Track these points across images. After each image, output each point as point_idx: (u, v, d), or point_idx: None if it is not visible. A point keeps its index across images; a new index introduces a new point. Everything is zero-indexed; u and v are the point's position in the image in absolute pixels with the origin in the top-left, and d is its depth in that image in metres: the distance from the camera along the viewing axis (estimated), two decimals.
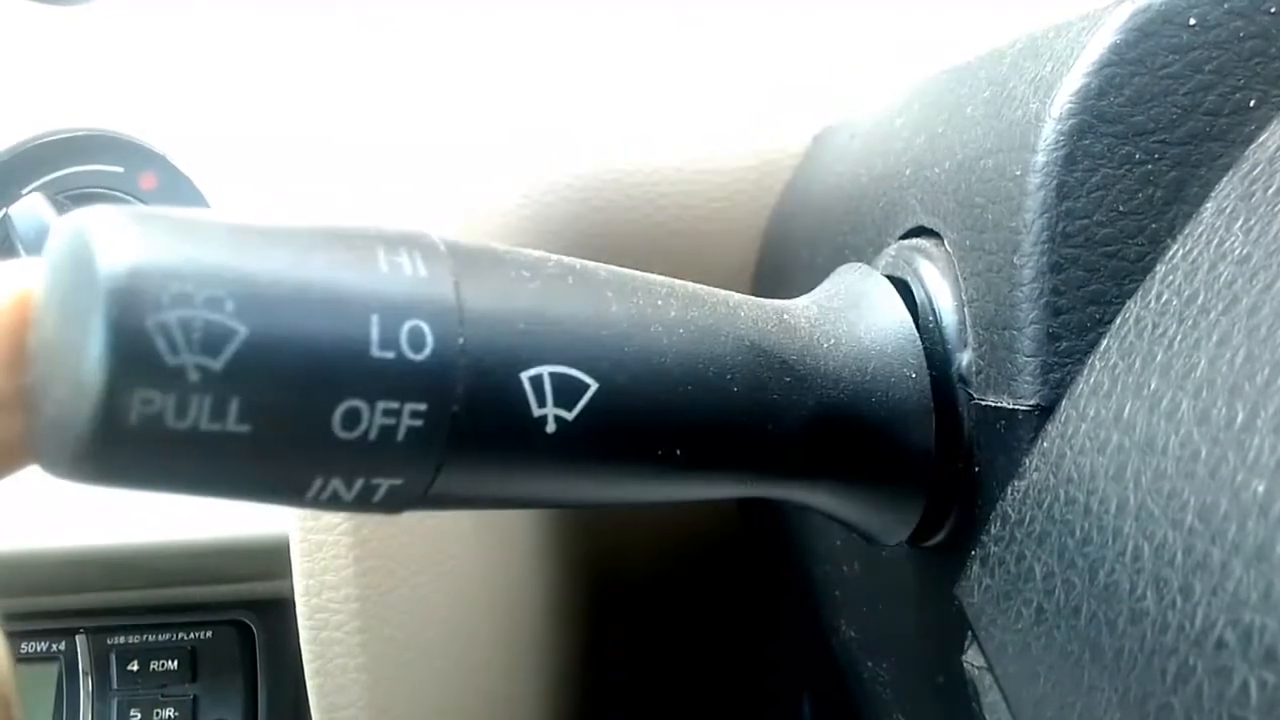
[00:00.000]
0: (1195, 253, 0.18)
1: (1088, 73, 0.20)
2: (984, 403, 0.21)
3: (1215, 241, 0.18)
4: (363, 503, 0.16)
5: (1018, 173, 0.20)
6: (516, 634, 0.43)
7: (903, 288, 0.24)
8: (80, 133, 0.46)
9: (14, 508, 0.43)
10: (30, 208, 0.43)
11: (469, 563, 0.37)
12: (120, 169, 0.45)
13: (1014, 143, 0.21)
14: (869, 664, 0.31)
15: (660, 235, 0.44)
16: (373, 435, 0.15)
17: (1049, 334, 0.20)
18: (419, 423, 0.15)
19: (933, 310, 0.23)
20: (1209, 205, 0.19)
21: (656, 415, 0.18)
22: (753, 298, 0.22)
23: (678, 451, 0.19)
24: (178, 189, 0.45)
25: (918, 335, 0.22)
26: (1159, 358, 0.17)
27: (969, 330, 0.22)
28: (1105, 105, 0.20)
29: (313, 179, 0.37)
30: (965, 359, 0.22)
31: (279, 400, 0.14)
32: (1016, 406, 0.20)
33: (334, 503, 0.16)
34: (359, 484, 0.16)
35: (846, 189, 0.32)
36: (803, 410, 0.20)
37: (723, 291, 0.21)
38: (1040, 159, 0.20)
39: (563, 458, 0.17)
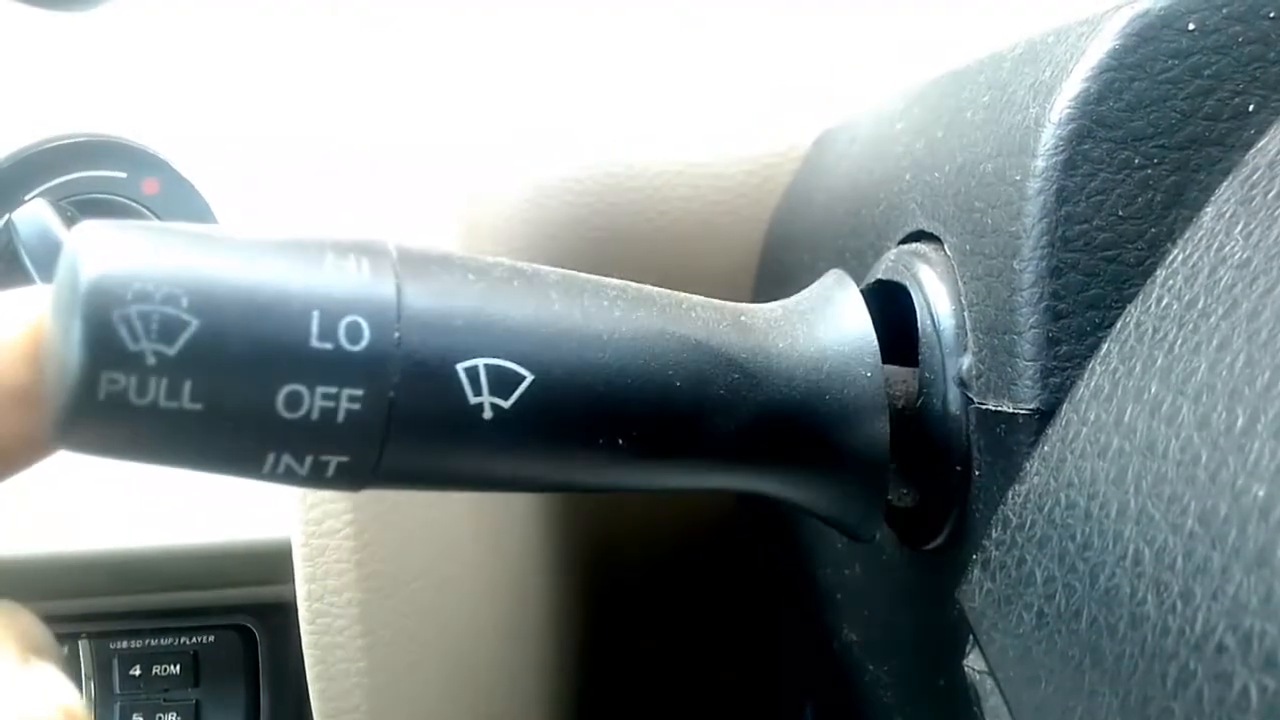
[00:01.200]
0: (1195, 257, 0.18)
1: (1087, 78, 0.20)
2: (984, 407, 0.21)
3: (1215, 246, 0.18)
4: (317, 477, 0.18)
5: (1017, 177, 0.20)
6: (518, 635, 0.43)
7: (902, 292, 0.24)
8: (83, 138, 0.46)
9: (16, 512, 0.43)
10: (34, 213, 0.43)
11: (470, 567, 0.37)
12: (123, 174, 0.46)
13: (1014, 147, 0.21)
14: (870, 667, 0.31)
15: (661, 238, 0.44)
16: (314, 416, 0.17)
17: (1049, 338, 0.20)
18: (357, 406, 0.17)
19: (932, 314, 0.23)
20: (1209, 210, 0.19)
21: (594, 406, 0.20)
22: (712, 300, 0.23)
23: (619, 440, 0.20)
24: (181, 194, 0.45)
25: (875, 337, 0.23)
26: (1159, 362, 0.17)
27: (969, 334, 0.22)
28: (1105, 110, 0.20)
29: (315, 182, 0.37)
30: (965, 363, 0.22)
31: (225, 382, 0.17)
32: (1017, 410, 0.20)
33: (290, 476, 0.18)
34: (309, 460, 0.18)
35: (846, 192, 0.32)
36: (751, 405, 0.21)
37: (680, 294, 0.22)
38: (1040, 164, 0.20)
39: (503, 443, 0.19)
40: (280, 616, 0.48)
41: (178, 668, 0.48)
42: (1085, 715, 0.16)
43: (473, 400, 0.18)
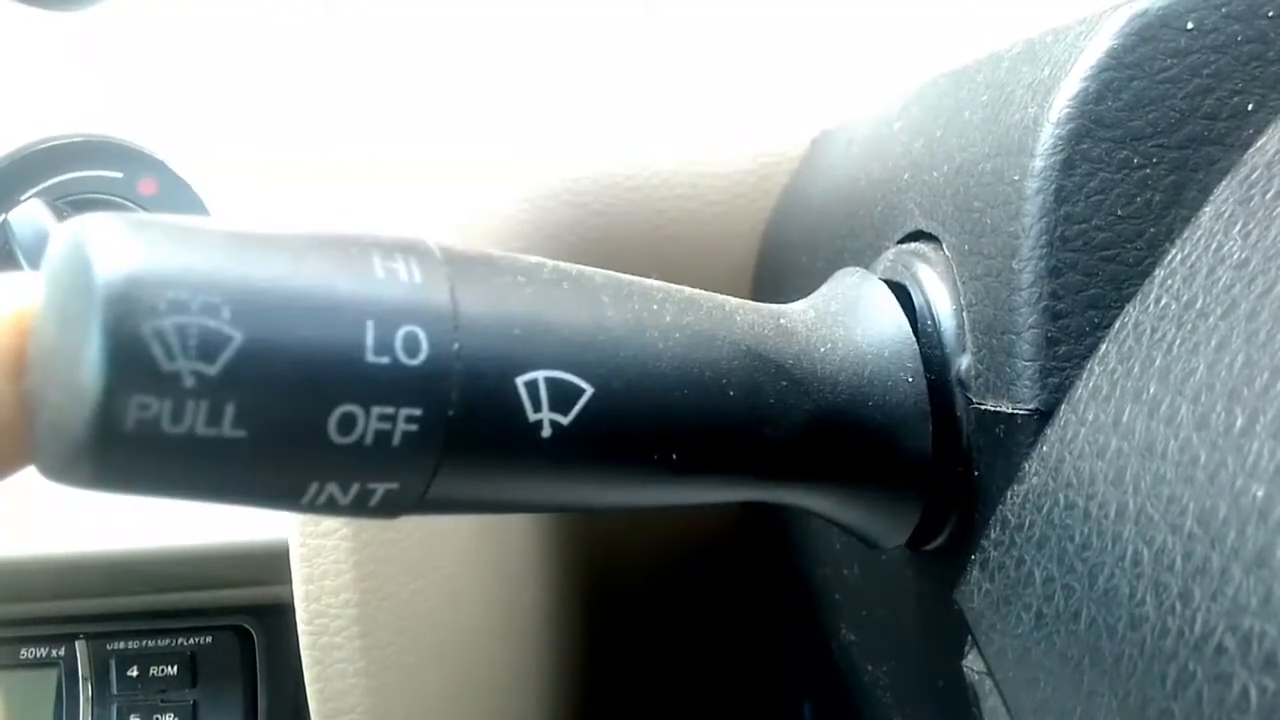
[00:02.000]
0: (1194, 257, 0.18)
1: (1086, 77, 0.20)
2: (983, 407, 0.21)
3: (1214, 246, 0.18)
4: (359, 507, 0.16)
5: (1016, 177, 0.20)
6: (516, 638, 0.43)
7: (901, 292, 0.24)
8: (80, 138, 0.46)
9: (13, 513, 0.43)
10: (29, 213, 0.43)
11: (469, 567, 0.37)
12: (119, 174, 0.45)
13: (1012, 147, 0.21)
14: (869, 667, 0.31)
15: (659, 239, 0.44)
16: (368, 440, 0.15)
17: (1048, 338, 0.20)
18: (414, 427, 0.16)
19: (931, 315, 0.23)
20: (1207, 209, 0.19)
21: (652, 420, 0.18)
22: (749, 302, 0.22)
23: (674, 456, 0.19)
24: (177, 194, 0.45)
25: (914, 339, 0.22)
26: (1158, 362, 0.17)
27: (968, 334, 0.22)
28: (1103, 110, 0.20)
29: (312, 184, 0.37)
30: (964, 363, 0.22)
31: (274, 405, 0.14)
32: (1015, 411, 0.20)
33: (330, 507, 0.16)
34: (355, 488, 0.16)
35: (845, 193, 0.32)
36: (799, 414, 0.20)
37: (719, 296, 0.21)
38: (1038, 163, 0.20)
39: (558, 462, 0.17)
40: (278, 617, 0.47)
41: (175, 668, 0.48)
42: (1084, 716, 0.16)
43: (532, 417, 0.17)
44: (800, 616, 0.40)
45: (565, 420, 0.17)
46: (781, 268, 0.41)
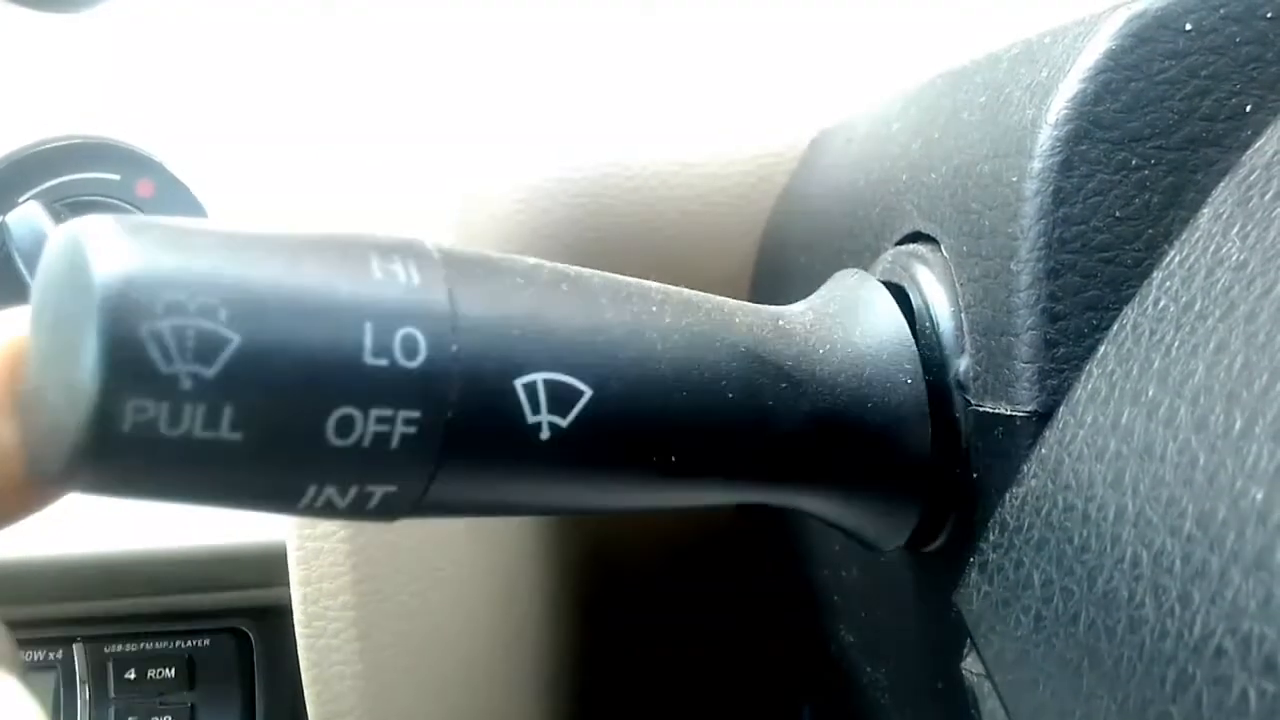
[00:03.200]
0: (1192, 259, 0.18)
1: (1084, 78, 0.20)
2: (982, 409, 0.21)
3: (1212, 248, 0.18)
4: (357, 510, 0.16)
5: (1014, 179, 0.20)
6: (514, 639, 0.43)
7: (899, 293, 0.24)
8: (77, 140, 0.46)
9: None
10: (27, 215, 0.43)
11: (465, 569, 0.37)
12: (117, 176, 0.45)
13: (1010, 148, 0.21)
14: (868, 669, 0.31)
15: (657, 239, 0.44)
16: (366, 442, 0.15)
17: (1046, 340, 0.20)
18: (413, 430, 0.16)
19: (930, 316, 0.23)
20: (1206, 211, 0.19)
21: (651, 422, 0.18)
22: (748, 304, 0.22)
23: (672, 458, 0.19)
24: (175, 196, 0.45)
25: (914, 341, 0.22)
26: (1156, 364, 0.17)
27: (966, 336, 0.22)
28: (1101, 111, 0.20)
29: (310, 183, 0.37)
30: (963, 365, 0.22)
31: (272, 408, 0.14)
32: (1014, 413, 0.20)
33: (328, 510, 0.16)
34: (353, 491, 0.16)
35: (843, 193, 0.32)
36: (798, 416, 0.20)
37: (717, 298, 0.21)
38: (1036, 165, 0.20)
39: (556, 465, 0.17)
40: (275, 620, 0.47)
41: (173, 671, 0.48)
42: (1083, 719, 0.16)
43: (530, 419, 0.17)
44: (799, 618, 0.40)
45: (564, 422, 0.17)
46: (780, 269, 0.41)
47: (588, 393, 0.17)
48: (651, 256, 0.44)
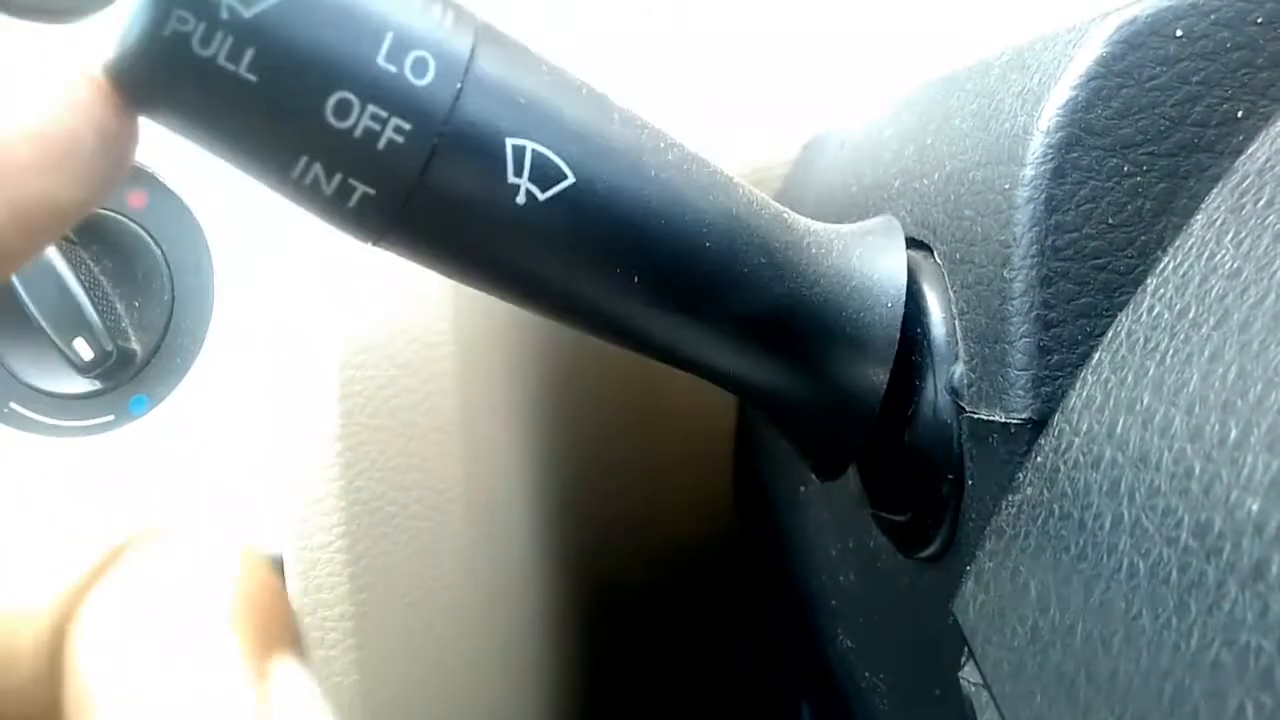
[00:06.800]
0: (1186, 266, 0.18)
1: (1075, 85, 0.20)
2: (976, 416, 0.21)
3: (1206, 255, 0.18)
4: (339, 203, 0.17)
5: (1006, 186, 0.20)
6: (512, 647, 0.43)
7: None
8: None
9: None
10: None
11: (463, 577, 0.37)
12: None
13: (1002, 155, 0.21)
14: (866, 674, 0.31)
15: None
16: (358, 133, 0.17)
17: (1040, 347, 0.20)
18: (400, 138, 0.17)
19: (923, 323, 0.23)
20: (1199, 218, 0.19)
21: (622, 234, 0.19)
22: (761, 193, 0.22)
23: (634, 277, 0.20)
24: (168, 208, 0.45)
25: (906, 276, 0.23)
26: (1151, 372, 0.17)
27: (960, 343, 0.22)
28: (1093, 118, 0.19)
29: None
30: (956, 372, 0.22)
31: (286, 65, 0.16)
32: (1009, 420, 0.20)
33: (315, 192, 0.17)
34: (337, 178, 0.17)
35: (836, 199, 0.32)
36: (769, 296, 0.21)
37: (735, 176, 0.22)
38: (1029, 172, 0.20)
39: (525, 233, 0.19)
40: None
41: None
42: None
43: (511, 179, 0.18)
44: (797, 622, 0.40)
45: (541, 196, 0.18)
46: None
47: (571, 179, 0.18)
48: None
